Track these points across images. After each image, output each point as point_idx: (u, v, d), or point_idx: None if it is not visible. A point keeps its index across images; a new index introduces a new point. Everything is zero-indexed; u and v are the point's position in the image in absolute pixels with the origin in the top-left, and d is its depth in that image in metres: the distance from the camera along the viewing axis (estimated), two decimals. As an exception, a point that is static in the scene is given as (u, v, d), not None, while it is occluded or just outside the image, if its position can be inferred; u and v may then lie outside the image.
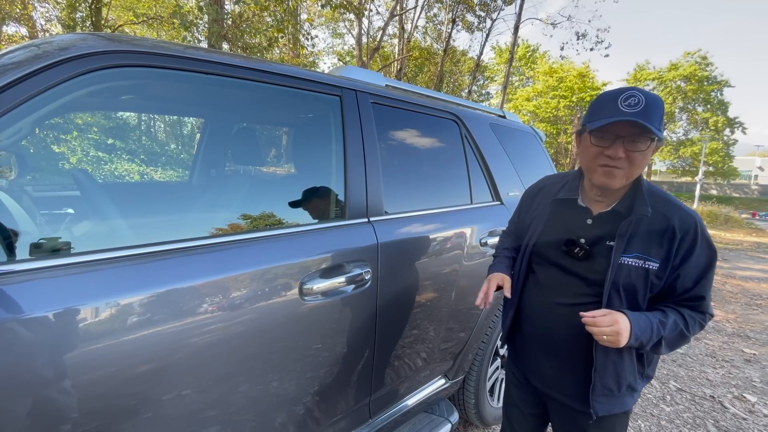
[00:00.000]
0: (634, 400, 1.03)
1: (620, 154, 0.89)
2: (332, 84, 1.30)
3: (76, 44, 0.84)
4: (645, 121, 0.84)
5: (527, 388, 1.18)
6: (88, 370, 0.74)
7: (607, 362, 0.96)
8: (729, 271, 6.48)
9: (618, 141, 0.89)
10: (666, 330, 0.91)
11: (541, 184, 1.20)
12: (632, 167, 0.91)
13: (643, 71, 27.15)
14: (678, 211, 0.93)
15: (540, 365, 1.11)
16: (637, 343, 0.90)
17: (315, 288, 1.08)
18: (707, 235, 0.93)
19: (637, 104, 0.85)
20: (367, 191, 1.30)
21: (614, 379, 0.97)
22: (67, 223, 1.39)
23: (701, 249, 0.92)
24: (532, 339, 1.13)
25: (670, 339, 0.92)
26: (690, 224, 0.91)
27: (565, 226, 1.04)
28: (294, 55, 10.84)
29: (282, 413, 1.08)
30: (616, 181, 0.92)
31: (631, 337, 0.88)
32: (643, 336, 0.89)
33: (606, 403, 0.99)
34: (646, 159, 0.90)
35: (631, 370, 0.98)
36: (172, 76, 1.01)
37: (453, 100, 1.92)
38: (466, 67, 18.28)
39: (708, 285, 0.94)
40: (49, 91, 0.76)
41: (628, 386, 0.99)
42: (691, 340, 1.01)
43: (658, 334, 0.90)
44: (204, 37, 7.90)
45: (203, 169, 2.05)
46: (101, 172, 5.27)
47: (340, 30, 17.97)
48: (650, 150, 0.90)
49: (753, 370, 2.95)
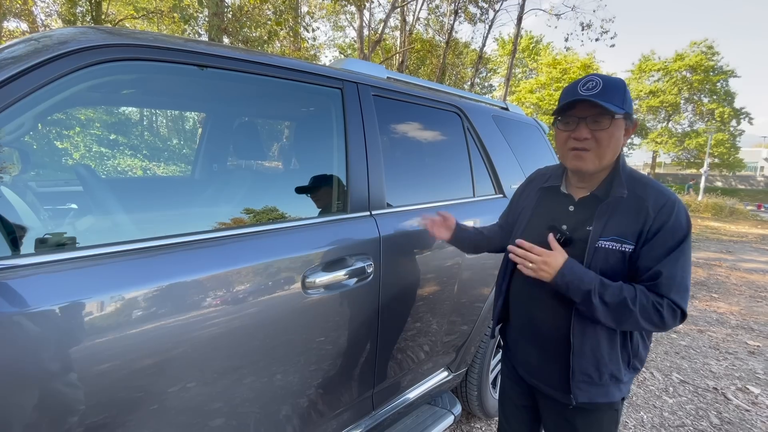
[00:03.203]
0: (621, 392, 1.00)
1: (585, 135, 0.93)
2: (333, 77, 1.29)
3: (75, 38, 0.83)
4: (601, 99, 0.89)
5: (518, 380, 1.19)
6: (91, 363, 0.75)
7: (584, 346, 0.96)
8: (733, 264, 6.45)
9: (581, 123, 0.94)
10: (606, 290, 0.89)
11: (531, 177, 1.24)
12: (600, 147, 0.93)
13: (648, 62, 26.78)
14: (654, 192, 0.93)
15: (526, 355, 1.12)
16: (563, 284, 0.91)
17: (318, 281, 1.08)
18: (681, 216, 0.90)
19: (595, 87, 0.91)
20: (369, 184, 1.29)
21: (593, 365, 0.96)
22: (71, 218, 1.40)
23: (670, 228, 0.89)
24: (519, 328, 1.14)
25: (610, 303, 0.88)
26: (662, 203, 0.91)
27: (550, 213, 1.07)
28: (295, 49, 10.78)
29: (286, 405, 1.09)
30: (587, 163, 0.95)
31: (557, 275, 0.91)
32: (572, 279, 0.90)
33: (587, 391, 0.98)
34: (613, 138, 0.93)
35: (612, 358, 0.96)
36: (172, 70, 1.00)
37: (455, 92, 1.91)
38: (469, 60, 18.11)
39: (671, 265, 0.88)
40: (49, 85, 0.76)
41: (611, 375, 0.97)
42: (643, 324, 0.88)
43: (588, 285, 0.89)
44: (204, 31, 7.86)
45: (205, 164, 2.05)
46: (104, 168, 5.29)
47: (341, 23, 17.83)
48: (616, 128, 0.93)
49: (757, 362, 2.94)
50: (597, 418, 1.03)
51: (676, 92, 25.30)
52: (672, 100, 25.26)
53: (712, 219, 13.52)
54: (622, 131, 0.95)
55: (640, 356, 1.00)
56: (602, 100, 0.89)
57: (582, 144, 0.94)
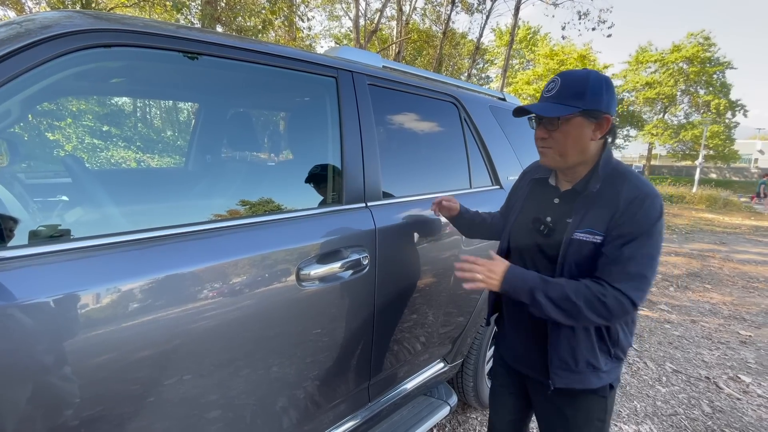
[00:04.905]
0: (601, 379, 1.00)
1: (542, 135, 0.99)
2: (327, 65, 1.26)
3: (60, 22, 0.80)
4: (554, 100, 0.95)
5: (509, 368, 1.21)
6: (83, 357, 0.73)
7: (560, 336, 0.99)
8: (727, 255, 6.51)
9: (541, 124, 1.00)
10: (548, 286, 0.92)
11: (527, 168, 1.27)
12: (557, 145, 0.97)
13: (645, 53, 26.70)
14: (629, 186, 0.93)
15: (513, 342, 1.16)
16: (511, 288, 0.96)
17: (312, 273, 1.07)
18: (651, 211, 0.90)
19: (553, 88, 0.96)
20: (365, 175, 1.28)
21: (569, 353, 0.99)
22: (60, 209, 1.37)
23: (636, 220, 0.89)
24: (508, 317, 1.18)
25: (555, 299, 0.91)
26: (634, 196, 0.91)
27: (538, 204, 1.10)
28: (290, 39, 10.63)
29: (282, 398, 1.09)
30: (549, 160, 1.01)
31: (503, 281, 0.96)
32: (515, 282, 0.95)
33: (564, 377, 1.01)
34: (570, 137, 0.95)
35: (587, 347, 0.98)
36: (162, 57, 0.97)
37: (452, 82, 1.88)
38: (466, 50, 17.97)
39: (627, 255, 0.89)
40: (30, 72, 0.73)
41: (588, 363, 0.99)
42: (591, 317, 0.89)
43: (531, 283, 0.93)
44: (197, 20, 7.72)
45: (198, 155, 2.02)
46: (97, 160, 5.22)
47: (337, 12, 17.57)
48: (571, 127, 0.95)
49: (748, 352, 2.98)
50: (585, 407, 1.04)
51: (672, 84, 25.29)
52: (668, 91, 25.26)
53: (706, 210, 13.62)
54: (583, 128, 0.95)
55: (621, 346, 1.01)
56: (554, 102, 0.94)
57: (542, 143, 1.01)
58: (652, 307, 3.91)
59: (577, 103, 0.92)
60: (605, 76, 0.97)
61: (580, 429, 1.05)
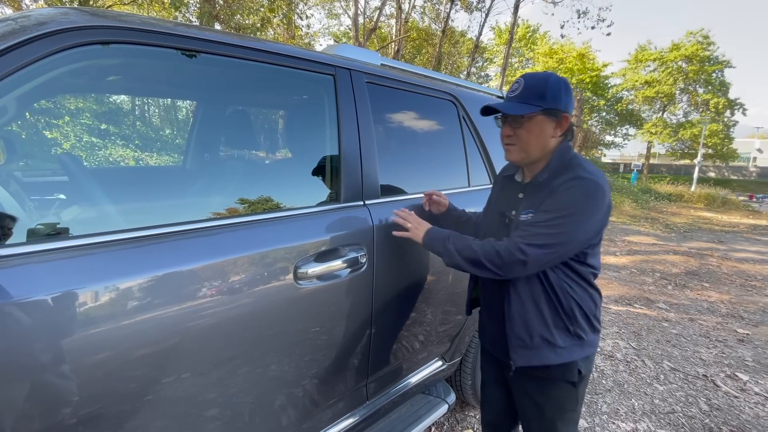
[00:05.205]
0: (558, 356, 1.05)
1: (507, 132, 1.09)
2: (325, 63, 1.25)
3: (56, 18, 0.79)
4: (517, 101, 1.04)
5: (490, 358, 1.28)
6: (81, 355, 0.73)
7: (513, 310, 1.07)
8: (725, 253, 6.53)
9: (506, 122, 1.09)
10: (457, 238, 1.10)
11: (503, 168, 1.33)
12: (521, 141, 1.06)
13: (645, 51, 26.67)
14: (569, 172, 1.00)
15: (487, 327, 1.25)
16: (430, 241, 1.14)
17: (310, 272, 1.07)
18: (576, 192, 0.96)
19: (517, 89, 1.05)
20: (363, 174, 1.27)
21: (524, 328, 1.06)
22: (58, 207, 1.37)
23: (558, 196, 0.98)
24: (483, 304, 1.27)
25: (460, 249, 1.06)
26: (567, 179, 0.98)
27: (505, 199, 1.19)
28: (289, 37, 10.60)
29: (280, 396, 1.09)
30: (513, 156, 1.10)
31: (425, 236, 1.15)
32: (434, 235, 1.14)
33: (523, 355, 1.07)
34: (532, 134, 1.05)
35: (540, 320, 1.05)
36: (159, 55, 0.97)
37: (451, 80, 1.88)
38: (465, 49, 17.95)
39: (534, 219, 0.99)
40: (25, 69, 0.73)
41: (542, 337, 1.05)
42: (488, 265, 1.02)
43: (444, 235, 1.12)
44: (195, 18, 7.69)
45: (196, 153, 2.01)
46: (95, 158, 5.21)
47: (336, 10, 17.53)
48: (534, 125, 1.04)
49: (746, 350, 2.99)
50: (555, 395, 1.10)
51: (671, 82, 25.28)
52: (667, 90, 25.25)
53: (705, 209, 13.65)
54: (544, 126, 1.04)
55: (579, 324, 1.05)
56: (518, 101, 1.03)
57: (507, 140, 1.10)
58: (650, 306, 3.92)
59: (539, 102, 1.01)
60: (564, 78, 1.06)
61: (553, 417, 1.11)
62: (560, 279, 1.03)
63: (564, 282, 1.03)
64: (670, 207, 13.74)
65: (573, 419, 1.13)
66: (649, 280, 4.84)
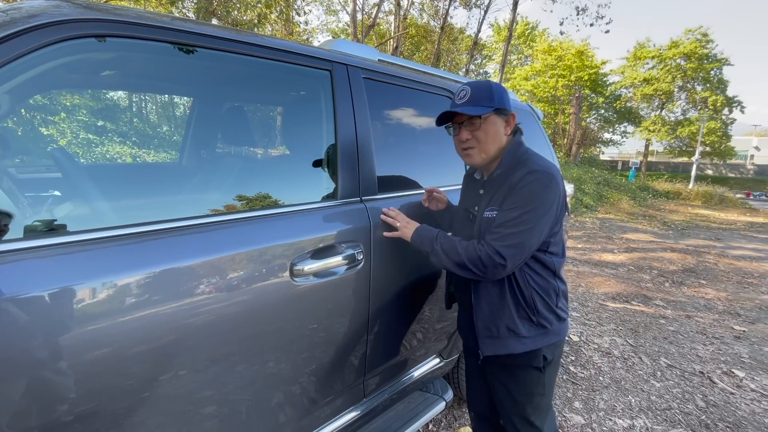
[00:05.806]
0: (523, 345, 1.11)
1: (466, 136, 1.13)
2: (322, 58, 1.24)
3: (47, 11, 0.78)
4: (470, 104, 1.09)
5: (468, 350, 1.35)
6: (77, 351, 0.72)
7: (480, 303, 1.14)
8: (722, 251, 6.55)
9: (462, 127, 1.14)
10: (444, 238, 1.13)
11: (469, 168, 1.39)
12: (480, 143, 1.12)
13: (644, 49, 26.61)
14: (524, 168, 1.07)
15: (461, 320, 1.31)
16: (419, 239, 1.17)
17: (306, 269, 1.06)
18: (536, 187, 1.03)
19: (465, 95, 1.11)
20: (360, 171, 1.27)
21: (490, 319, 1.13)
22: (53, 204, 1.35)
23: (519, 194, 1.04)
24: (457, 298, 1.33)
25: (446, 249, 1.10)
26: (524, 174, 1.05)
27: (469, 197, 1.26)
28: (287, 33, 10.54)
29: (277, 393, 1.08)
30: (475, 158, 1.15)
31: (414, 234, 1.18)
32: (422, 233, 1.17)
33: (490, 345, 1.14)
34: (489, 133, 1.11)
35: (505, 312, 1.11)
36: (154, 49, 0.95)
37: (449, 76, 1.86)
38: (464, 46, 17.90)
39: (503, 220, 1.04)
40: (15, 62, 0.71)
41: (507, 328, 1.11)
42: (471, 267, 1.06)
43: (432, 234, 1.15)
44: (192, 13, 7.64)
45: (192, 150, 2.00)
46: (92, 155, 5.18)
47: (334, 6, 17.43)
48: (489, 125, 1.11)
49: (742, 347, 3.01)
50: (523, 380, 1.17)
51: (670, 80, 25.26)
52: (666, 88, 25.23)
53: (702, 207, 13.69)
54: (498, 124, 1.12)
55: (542, 314, 1.11)
56: (471, 105, 1.09)
57: (466, 144, 1.14)
58: (647, 303, 3.93)
59: (490, 103, 1.09)
60: (501, 85, 1.17)
61: (522, 401, 1.18)
62: (523, 272, 1.09)
63: (527, 275, 1.10)
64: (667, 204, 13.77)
65: (543, 402, 1.20)
66: (646, 277, 4.85)
